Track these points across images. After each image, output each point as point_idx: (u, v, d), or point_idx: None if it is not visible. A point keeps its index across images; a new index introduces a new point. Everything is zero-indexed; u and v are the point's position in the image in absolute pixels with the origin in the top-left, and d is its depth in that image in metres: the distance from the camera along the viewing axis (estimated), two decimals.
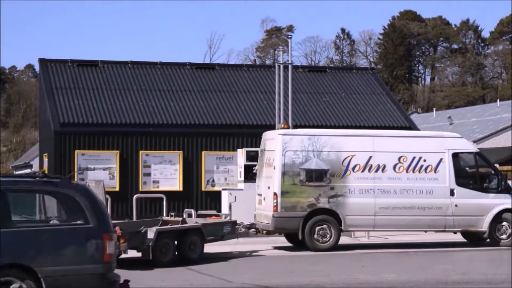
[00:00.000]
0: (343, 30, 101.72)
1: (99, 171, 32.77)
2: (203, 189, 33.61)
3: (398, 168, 21.84)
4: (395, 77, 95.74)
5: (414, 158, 21.91)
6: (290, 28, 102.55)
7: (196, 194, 33.53)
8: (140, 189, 32.93)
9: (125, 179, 33.00)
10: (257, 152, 32.30)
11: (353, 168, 21.66)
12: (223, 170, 33.66)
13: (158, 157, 33.35)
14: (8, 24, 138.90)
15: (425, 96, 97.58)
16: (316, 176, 21.66)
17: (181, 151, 33.55)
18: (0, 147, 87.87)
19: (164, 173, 33.26)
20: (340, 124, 35.42)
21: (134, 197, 32.23)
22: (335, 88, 38.07)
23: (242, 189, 31.09)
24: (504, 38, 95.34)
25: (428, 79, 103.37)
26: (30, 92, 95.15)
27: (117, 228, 16.96)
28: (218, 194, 31.69)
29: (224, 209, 30.23)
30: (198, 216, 22.42)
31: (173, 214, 23.71)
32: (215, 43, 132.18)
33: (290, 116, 31.98)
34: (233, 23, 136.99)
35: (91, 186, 17.77)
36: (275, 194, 21.66)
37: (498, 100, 64.13)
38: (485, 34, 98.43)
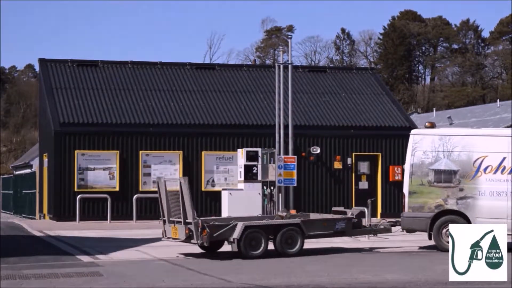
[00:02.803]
0: (343, 30, 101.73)
1: (99, 171, 32.77)
2: (203, 189, 33.62)
3: None
4: (395, 77, 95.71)
5: None
6: (290, 28, 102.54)
7: (196, 194, 33.51)
8: (140, 189, 32.95)
9: (125, 179, 33.01)
10: (256, 152, 32.38)
11: (485, 170, 20.87)
12: (223, 170, 33.66)
13: (158, 157, 33.36)
14: (8, 24, 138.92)
15: (425, 96, 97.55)
16: (445, 177, 21.16)
17: (181, 151, 33.55)
18: (0, 147, 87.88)
19: (164, 173, 33.24)
20: (340, 124, 35.45)
21: (134, 197, 32.28)
22: (335, 88, 38.08)
23: (242, 189, 31.13)
24: (504, 38, 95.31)
25: (428, 79, 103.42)
26: (30, 92, 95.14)
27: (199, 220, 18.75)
28: (218, 194, 31.72)
29: (224, 209, 30.25)
30: (332, 212, 22.51)
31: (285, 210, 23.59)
32: (215, 43, 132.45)
33: (290, 116, 31.98)
34: (233, 23, 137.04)
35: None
36: (403, 194, 21.56)
37: (498, 100, 64.10)
38: (485, 34, 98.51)
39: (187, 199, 19.21)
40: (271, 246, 19.63)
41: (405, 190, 21.60)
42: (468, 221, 20.55)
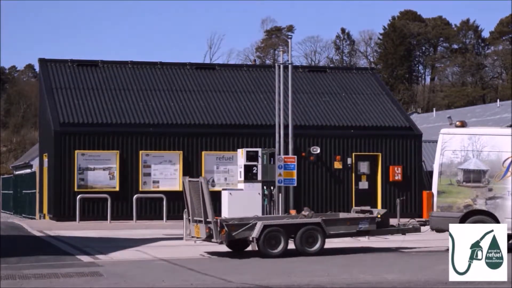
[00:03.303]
0: (343, 30, 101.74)
1: (99, 171, 32.77)
2: None
3: None
4: (395, 77, 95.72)
5: None
6: (290, 28, 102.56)
7: None
8: (140, 189, 32.94)
9: (125, 179, 33.00)
10: (256, 152, 32.37)
11: None
12: (223, 170, 33.66)
13: (158, 157, 33.35)
14: (8, 24, 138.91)
15: (425, 96, 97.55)
16: (474, 176, 20.97)
17: (181, 151, 33.55)
18: (0, 147, 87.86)
19: (164, 173, 33.27)
20: (340, 124, 35.44)
21: (134, 197, 32.29)
22: (335, 88, 38.07)
23: (242, 189, 31.12)
24: (504, 38, 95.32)
25: (428, 79, 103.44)
26: (30, 92, 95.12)
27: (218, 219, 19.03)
28: (218, 194, 31.68)
29: (224, 209, 30.24)
30: (355, 211, 22.48)
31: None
32: (215, 43, 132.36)
33: (290, 116, 31.97)
34: (233, 23, 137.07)
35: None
36: (432, 193, 21.43)
37: (498, 100, 64.13)
38: (485, 34, 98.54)
39: (207, 199, 19.40)
40: (292, 245, 19.69)
41: (434, 189, 21.43)
42: (496, 221, 20.33)
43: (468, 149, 21.13)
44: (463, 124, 21.92)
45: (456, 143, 21.31)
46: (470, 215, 20.90)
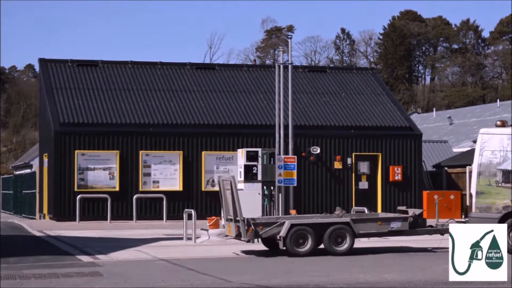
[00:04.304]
0: (343, 30, 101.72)
1: (99, 171, 32.77)
2: (203, 189, 33.63)
3: None
4: (395, 77, 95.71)
5: None
6: (290, 28, 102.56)
7: (196, 194, 33.55)
8: (140, 189, 32.96)
9: (125, 179, 33.01)
10: (256, 152, 32.36)
11: None
12: (223, 170, 33.65)
13: (158, 157, 33.36)
14: (8, 24, 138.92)
15: (425, 96, 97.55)
16: None
17: (181, 151, 33.56)
18: (0, 147, 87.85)
19: (164, 173, 33.28)
20: (340, 124, 35.45)
21: (134, 197, 32.30)
22: (335, 88, 38.07)
23: (242, 189, 31.11)
24: (504, 38, 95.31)
25: (428, 79, 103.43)
26: (30, 92, 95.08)
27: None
28: (218, 194, 31.64)
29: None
30: (399, 211, 22.38)
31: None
32: (215, 43, 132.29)
33: (290, 116, 31.97)
34: (233, 23, 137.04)
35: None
36: (470, 194, 21.20)
37: (498, 100, 64.13)
38: (485, 34, 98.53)
39: (236, 198, 19.63)
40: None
41: (473, 190, 21.08)
42: None
43: (507, 149, 20.72)
44: (504, 124, 21.59)
45: (495, 143, 20.88)
46: (509, 216, 20.50)
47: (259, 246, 20.63)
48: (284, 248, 19.48)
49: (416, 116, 65.99)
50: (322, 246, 19.92)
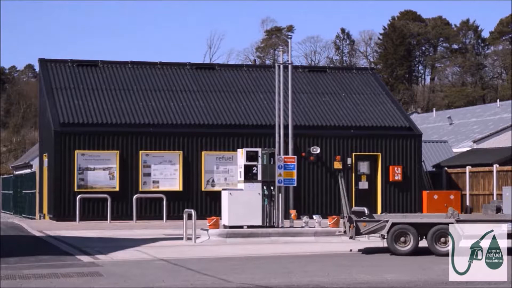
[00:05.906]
0: (343, 30, 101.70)
1: (99, 171, 32.77)
2: (203, 189, 33.64)
3: None
4: (395, 77, 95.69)
5: None
6: (290, 28, 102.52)
7: (196, 194, 33.55)
8: (140, 189, 32.97)
9: (125, 179, 33.02)
10: (256, 152, 32.31)
11: None
12: (223, 170, 33.65)
13: (158, 157, 33.37)
14: (8, 24, 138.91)
15: (425, 96, 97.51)
16: None
17: (181, 151, 33.56)
18: (0, 147, 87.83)
19: (164, 173, 33.28)
20: (340, 124, 35.45)
21: (134, 197, 32.31)
22: (335, 88, 38.07)
23: (242, 189, 31.09)
24: (504, 38, 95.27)
25: (428, 79, 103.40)
26: (30, 92, 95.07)
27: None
28: (218, 194, 31.66)
29: (224, 209, 30.21)
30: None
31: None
32: (215, 43, 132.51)
33: (290, 116, 31.98)
34: (233, 23, 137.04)
35: None
36: None
37: (498, 100, 64.09)
38: (485, 34, 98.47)
39: (342, 196, 20.18)
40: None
41: None
42: None
43: None
44: None
45: None
46: None
47: (260, 246, 20.54)
48: (386, 246, 19.64)
49: (416, 116, 65.96)
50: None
